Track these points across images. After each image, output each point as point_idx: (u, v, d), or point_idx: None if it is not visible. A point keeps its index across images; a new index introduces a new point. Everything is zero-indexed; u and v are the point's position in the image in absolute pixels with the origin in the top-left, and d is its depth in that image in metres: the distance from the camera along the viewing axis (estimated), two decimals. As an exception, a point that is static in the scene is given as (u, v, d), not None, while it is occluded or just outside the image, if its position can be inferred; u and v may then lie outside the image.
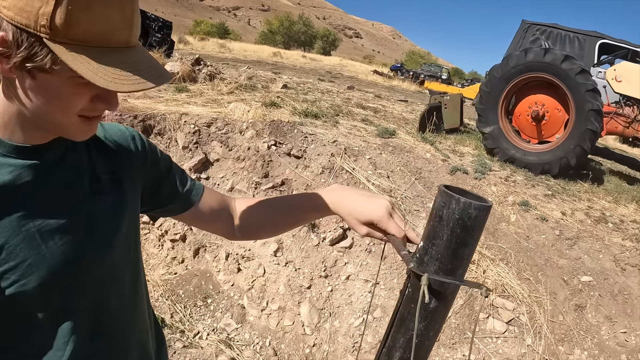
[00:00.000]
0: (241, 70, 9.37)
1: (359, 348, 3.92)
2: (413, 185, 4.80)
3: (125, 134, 1.04)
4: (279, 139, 5.00)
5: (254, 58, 14.62)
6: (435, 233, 0.79)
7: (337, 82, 12.08)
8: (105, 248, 0.92)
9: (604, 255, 4.41)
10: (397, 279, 3.97)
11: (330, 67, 18.94)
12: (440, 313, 0.84)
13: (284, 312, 4.28)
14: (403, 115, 8.47)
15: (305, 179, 4.63)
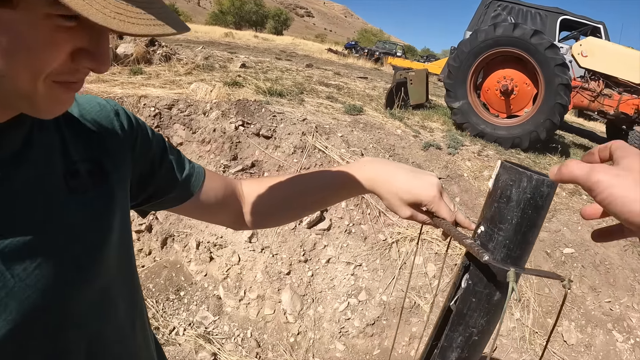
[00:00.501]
0: (197, 50, 8.96)
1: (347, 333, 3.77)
2: None
3: (106, 110, 0.77)
4: (246, 119, 4.73)
5: (206, 39, 14.13)
6: (502, 216, 0.72)
7: (294, 60, 11.80)
8: (92, 265, 0.68)
9: (583, 227, 4.39)
10: (380, 260, 3.82)
11: (284, 46, 18.56)
12: (501, 305, 0.78)
13: (263, 300, 4.08)
14: (366, 92, 8.30)
15: (276, 160, 4.40)
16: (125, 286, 0.79)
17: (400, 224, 4.02)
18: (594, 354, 3.55)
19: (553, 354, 3.55)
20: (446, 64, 7.69)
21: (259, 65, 8.68)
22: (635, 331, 3.61)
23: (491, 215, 0.74)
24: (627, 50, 8.03)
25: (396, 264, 3.81)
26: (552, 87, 5.92)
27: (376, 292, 3.74)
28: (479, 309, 0.78)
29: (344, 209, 4.10)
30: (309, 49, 19.15)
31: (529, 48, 5.99)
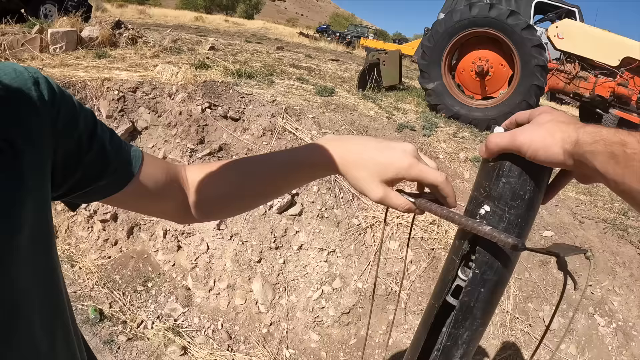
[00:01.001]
0: (165, 33, 8.59)
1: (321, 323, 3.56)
2: None
3: (23, 77, 0.61)
4: (213, 101, 4.46)
5: (176, 23, 13.71)
6: (513, 192, 0.68)
7: (264, 43, 11.48)
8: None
9: (561, 210, 4.25)
10: (354, 246, 3.61)
11: (255, 30, 18.17)
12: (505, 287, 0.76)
13: (234, 290, 3.86)
14: (338, 74, 8.06)
15: (245, 143, 4.15)
16: (43, 297, 0.64)
17: (374, 208, 3.81)
18: (576, 339, 3.42)
19: (535, 340, 3.39)
20: (420, 45, 7.52)
21: (229, 48, 8.37)
22: (617, 315, 3.48)
23: (499, 193, 0.69)
24: (603, 33, 7.98)
25: (371, 250, 3.61)
26: (528, 68, 5.80)
27: (351, 279, 3.54)
28: (488, 299, 0.74)
29: (316, 193, 3.88)
30: (280, 33, 18.81)
31: (505, 29, 5.84)
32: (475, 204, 0.72)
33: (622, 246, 3.99)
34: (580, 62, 8.06)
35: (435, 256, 3.56)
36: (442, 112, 6.23)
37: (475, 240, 0.72)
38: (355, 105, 5.38)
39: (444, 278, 0.79)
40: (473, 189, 0.75)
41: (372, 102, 5.88)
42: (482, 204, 0.71)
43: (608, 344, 3.46)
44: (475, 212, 0.72)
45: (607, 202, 4.91)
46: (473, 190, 0.75)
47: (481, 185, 0.72)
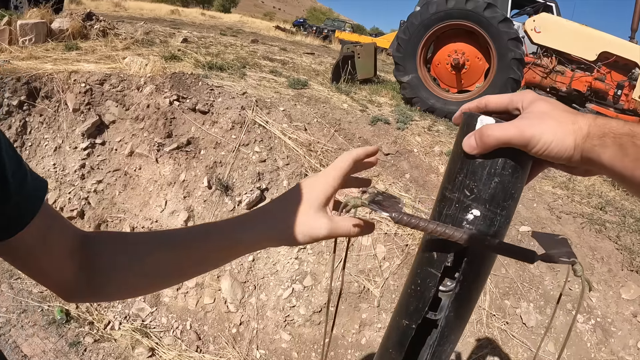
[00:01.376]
0: (137, 25, 8.33)
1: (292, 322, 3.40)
2: (333, 137, 4.26)
3: None
4: (181, 93, 4.26)
5: (152, 16, 13.37)
6: (506, 192, 0.62)
7: (239, 36, 11.24)
8: None
9: (538, 204, 4.14)
10: (326, 242, 3.43)
11: (231, 23, 17.89)
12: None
13: (202, 289, 3.68)
14: (312, 67, 7.88)
15: (214, 136, 3.96)
16: None
17: (347, 203, 3.64)
18: (555, 336, 3.30)
19: (512, 337, 3.26)
20: (395, 37, 7.37)
21: (202, 41, 8.13)
22: (596, 311, 3.37)
23: (491, 195, 0.61)
24: (581, 27, 7.92)
25: (342, 246, 3.43)
26: (505, 62, 5.69)
27: (322, 277, 3.38)
28: (472, 307, 0.70)
29: (286, 188, 3.70)
30: (257, 27, 18.58)
31: (481, 21, 5.71)
32: (460, 209, 0.63)
33: (600, 241, 3.89)
34: (557, 56, 7.98)
35: (409, 252, 3.41)
36: (417, 105, 6.09)
37: (463, 251, 0.64)
38: (328, 98, 5.21)
39: (419, 294, 0.69)
40: (450, 190, 0.65)
41: (346, 94, 5.72)
42: (470, 209, 0.62)
43: (587, 340, 3.35)
44: (461, 218, 0.63)
45: (585, 196, 4.84)
46: (452, 192, 0.65)
47: (466, 187, 0.62)
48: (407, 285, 0.73)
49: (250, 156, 3.82)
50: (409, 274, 0.73)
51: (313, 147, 3.97)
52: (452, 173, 0.65)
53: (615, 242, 3.93)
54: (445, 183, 0.66)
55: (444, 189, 0.66)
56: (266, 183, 3.73)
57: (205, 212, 3.74)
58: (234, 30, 13.16)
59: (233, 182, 3.75)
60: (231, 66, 5.61)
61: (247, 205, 3.62)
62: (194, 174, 3.90)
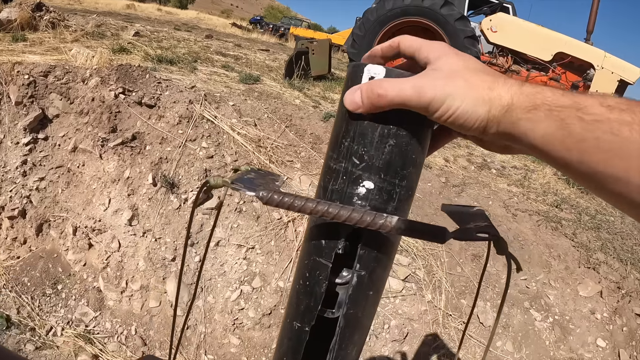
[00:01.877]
0: (89, 18, 7.96)
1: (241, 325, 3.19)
2: (284, 133, 4.05)
3: None
4: (128, 86, 3.99)
5: (106, 10, 12.90)
6: (404, 158, 0.52)
7: (194, 32, 10.91)
8: None
9: (494, 202, 4.03)
10: (275, 241, 3.23)
11: (187, 20, 17.52)
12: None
13: (147, 291, 3.45)
14: (266, 63, 7.65)
15: (160, 131, 3.70)
16: None
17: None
18: (513, 335, 3.17)
19: (470, 337, 3.10)
20: (351, 34, 7.23)
21: (154, 35, 7.80)
22: (554, 309, 3.26)
23: (387, 161, 0.50)
24: (537, 27, 7.93)
25: (293, 246, 3.24)
26: (461, 60, 5.59)
27: (272, 278, 3.17)
28: (376, 300, 0.60)
29: (234, 184, 3.48)
30: (213, 24, 18.22)
31: (438, 19, 5.61)
32: (349, 182, 0.52)
33: (556, 239, 3.82)
34: (513, 55, 7.97)
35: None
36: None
37: (358, 234, 0.54)
38: (280, 94, 5.01)
39: (309, 290, 0.58)
40: (336, 159, 0.53)
41: (299, 90, 5.54)
42: (361, 180, 0.51)
43: (545, 339, 3.24)
44: (350, 193, 0.52)
45: (540, 194, 4.82)
46: (338, 162, 0.53)
47: (354, 153, 0.51)
48: (295, 280, 0.62)
49: (197, 152, 3.57)
50: (297, 266, 0.63)
51: (263, 143, 3.75)
52: (336, 138, 0.53)
53: (572, 240, 3.88)
54: (329, 151, 0.55)
55: (328, 159, 0.55)
56: (213, 180, 3.50)
57: (150, 211, 3.49)
58: (189, 26, 12.80)
59: (179, 179, 3.51)
60: (182, 60, 5.36)
61: (194, 203, 3.39)
62: (139, 171, 3.64)
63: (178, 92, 3.93)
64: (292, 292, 0.63)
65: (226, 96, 4.18)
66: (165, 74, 4.36)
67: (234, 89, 4.61)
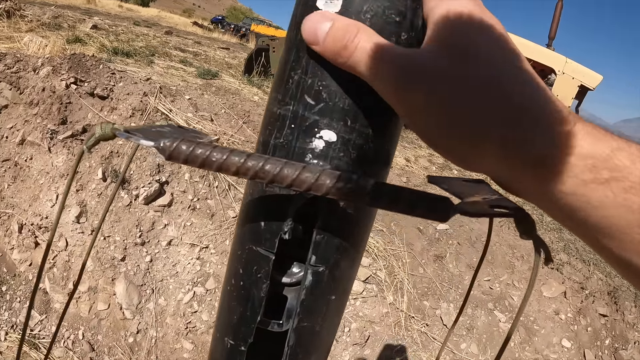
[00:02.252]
0: (47, 9, 7.64)
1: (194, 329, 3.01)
2: (242, 129, 3.85)
3: None
4: (80, 76, 3.75)
5: (66, 3, 12.49)
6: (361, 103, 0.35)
7: (154, 28, 10.63)
8: None
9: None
10: (230, 241, 3.03)
11: (148, 17, 17.20)
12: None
13: (95, 293, 3.23)
14: (226, 61, 7.46)
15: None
16: None
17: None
18: (477, 337, 3.06)
19: (433, 340, 2.98)
20: None
21: (113, 29, 7.50)
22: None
23: (357, 102, 0.34)
24: None
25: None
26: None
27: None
28: (339, 307, 0.43)
29: (188, 181, 3.28)
30: (174, 22, 17.97)
31: None
32: (300, 132, 0.35)
33: (518, 239, 3.75)
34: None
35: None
36: None
37: (313, 211, 0.36)
38: (239, 90, 4.83)
39: (243, 293, 0.41)
40: (281, 101, 0.36)
41: (258, 87, 5.39)
42: (317, 129, 0.34)
43: (510, 340, 3.12)
44: (301, 149, 0.35)
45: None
46: (284, 105, 0.36)
47: (307, 89, 0.34)
48: (226, 281, 0.44)
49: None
50: (228, 260, 0.45)
51: (219, 139, 3.56)
52: (283, 71, 0.36)
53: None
54: (272, 92, 0.38)
55: (271, 102, 0.38)
56: (166, 176, 3.28)
57: (99, 207, 3.27)
58: (149, 23, 12.49)
59: (130, 174, 3.29)
60: (139, 53, 5.15)
61: (145, 199, 3.17)
62: (88, 165, 3.41)
63: (132, 84, 3.70)
64: (222, 297, 0.46)
65: (182, 90, 3.97)
66: (121, 66, 4.13)
67: (191, 83, 4.41)
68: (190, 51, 7.37)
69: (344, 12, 0.32)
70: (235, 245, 0.43)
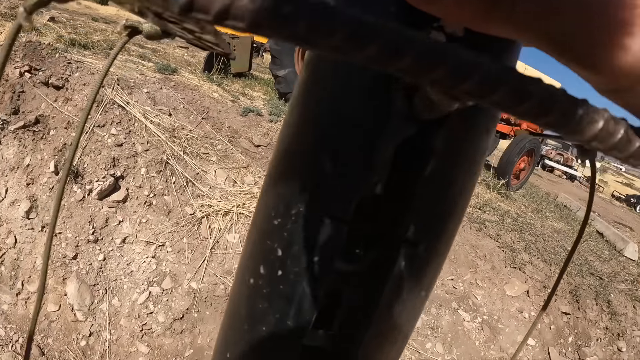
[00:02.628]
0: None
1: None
2: (200, 124, 3.70)
3: None
4: (35, 64, 3.54)
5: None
6: None
7: (113, 25, 10.39)
8: None
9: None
10: (187, 239, 2.90)
11: (107, 15, 16.87)
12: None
13: (45, 294, 3.02)
14: (185, 58, 7.32)
15: (66, 115, 3.28)
16: None
17: (211, 196, 3.11)
18: (442, 336, 2.99)
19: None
20: None
21: (70, 22, 7.21)
22: (482, 309, 3.12)
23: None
24: None
25: (207, 243, 2.91)
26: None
27: (183, 278, 2.84)
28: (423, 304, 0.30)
29: (144, 176, 3.11)
30: (134, 20, 17.54)
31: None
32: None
33: (481, 239, 3.74)
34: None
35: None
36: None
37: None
38: (198, 86, 4.69)
39: (282, 289, 0.26)
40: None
41: (217, 85, 5.25)
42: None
43: (475, 339, 3.10)
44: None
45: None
46: None
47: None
48: (251, 271, 0.29)
49: (106, 139, 3.18)
50: (252, 239, 0.30)
51: (177, 133, 3.40)
52: None
53: (497, 241, 3.85)
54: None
55: None
56: (122, 170, 3.11)
57: (50, 202, 3.08)
58: (108, 20, 12.17)
59: (84, 167, 3.10)
60: (97, 46, 4.93)
61: (98, 194, 2.99)
62: (40, 158, 3.21)
63: (89, 75, 3.51)
64: (237, 297, 0.31)
65: (140, 83, 3.78)
66: (78, 56, 3.92)
67: (149, 77, 4.22)
68: (149, 47, 7.17)
69: None
70: (267, 215, 0.28)
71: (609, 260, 4.73)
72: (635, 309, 3.57)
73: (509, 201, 5.68)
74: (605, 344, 3.34)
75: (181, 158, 3.24)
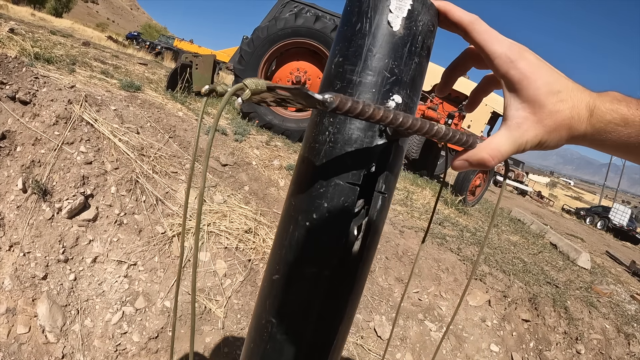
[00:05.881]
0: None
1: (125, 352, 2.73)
2: (168, 143, 3.59)
3: None
4: (1, 78, 3.34)
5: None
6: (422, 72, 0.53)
7: (70, 38, 10.09)
8: None
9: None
10: (159, 257, 2.78)
11: (61, 28, 16.41)
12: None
13: (15, 315, 2.86)
14: (146, 75, 7.13)
15: (34, 131, 3.11)
16: None
17: (181, 214, 3.00)
18: (411, 346, 2.97)
19: (368, 352, 2.85)
20: (238, 50, 6.97)
21: (30, 35, 6.92)
22: (447, 319, 3.13)
23: (412, 77, 0.49)
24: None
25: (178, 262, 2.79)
26: (346, 85, 5.59)
27: (157, 297, 2.72)
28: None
29: (114, 195, 2.97)
30: (88, 35, 17.19)
31: (327, 42, 5.51)
32: (380, 93, 0.47)
33: (443, 253, 3.77)
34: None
35: (252, 268, 2.88)
36: (254, 120, 5.69)
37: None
38: (163, 105, 4.55)
39: (327, 224, 0.48)
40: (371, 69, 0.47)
41: (181, 103, 5.13)
42: (391, 93, 0.47)
43: (442, 348, 3.08)
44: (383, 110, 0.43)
45: (423, 212, 4.92)
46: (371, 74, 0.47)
47: (385, 66, 0.46)
48: (304, 214, 0.49)
49: (75, 157, 3.02)
50: (291, 202, 0.51)
51: (146, 152, 3.27)
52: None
53: (457, 254, 3.92)
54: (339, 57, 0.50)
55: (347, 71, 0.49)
56: (91, 188, 2.96)
57: (18, 221, 2.90)
58: (64, 33, 11.80)
59: (53, 185, 2.94)
60: (60, 61, 4.74)
61: (68, 213, 2.84)
62: (7, 175, 3.03)
63: (57, 90, 3.33)
64: (284, 234, 0.51)
65: (108, 100, 3.62)
66: (44, 71, 3.73)
67: (115, 94, 4.06)
68: (110, 64, 6.97)
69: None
70: (310, 185, 0.47)
71: (564, 270, 4.83)
72: (591, 314, 3.63)
73: (466, 216, 5.79)
74: (564, 347, 3.38)
75: (151, 177, 3.11)
